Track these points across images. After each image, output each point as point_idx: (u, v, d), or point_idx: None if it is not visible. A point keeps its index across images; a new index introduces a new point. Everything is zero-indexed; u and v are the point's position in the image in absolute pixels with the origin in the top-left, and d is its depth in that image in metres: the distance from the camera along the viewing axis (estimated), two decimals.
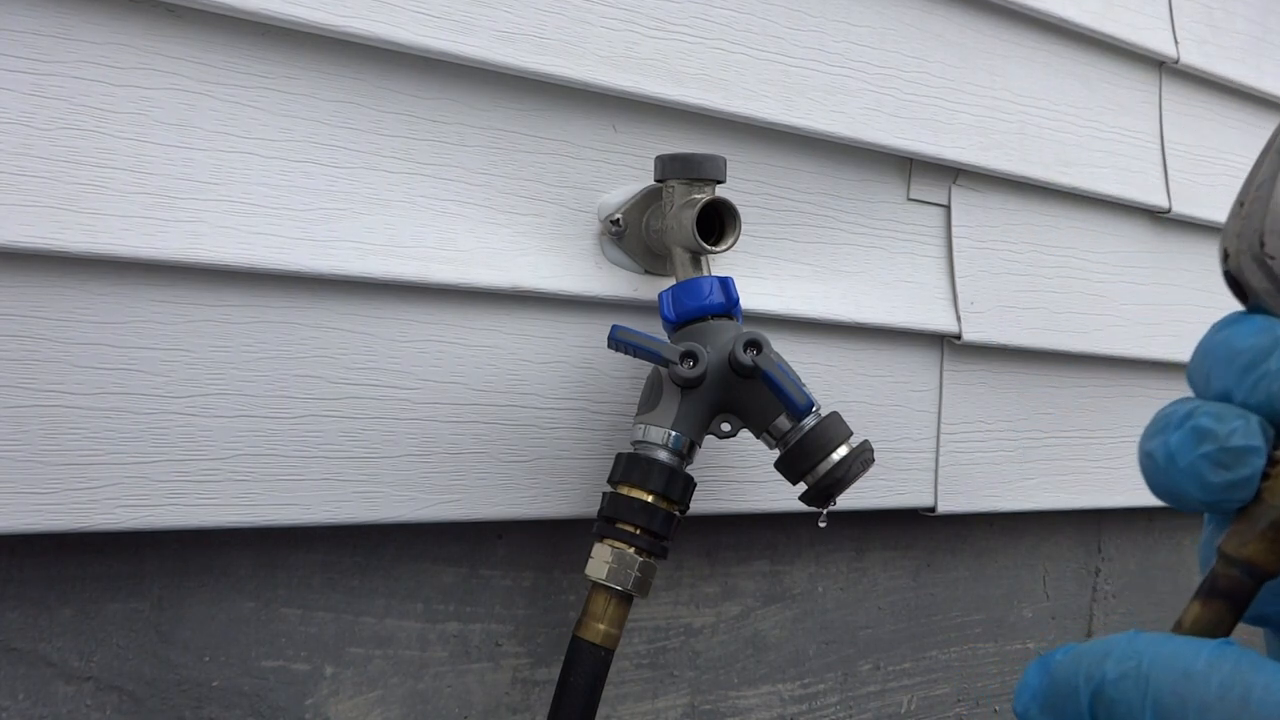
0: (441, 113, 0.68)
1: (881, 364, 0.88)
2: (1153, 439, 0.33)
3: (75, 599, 0.64)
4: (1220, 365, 0.33)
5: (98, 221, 0.57)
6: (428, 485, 0.68)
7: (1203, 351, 0.34)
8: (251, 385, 0.62)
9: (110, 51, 0.58)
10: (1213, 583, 0.32)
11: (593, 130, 0.73)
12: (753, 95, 0.77)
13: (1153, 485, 0.34)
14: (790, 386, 0.64)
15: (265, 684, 0.70)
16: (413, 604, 0.75)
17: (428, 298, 0.67)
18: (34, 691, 0.63)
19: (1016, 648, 1.09)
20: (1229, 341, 0.32)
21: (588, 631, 0.65)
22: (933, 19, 0.88)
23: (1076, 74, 0.98)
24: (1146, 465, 0.34)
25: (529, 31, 0.68)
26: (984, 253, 0.93)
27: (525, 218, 0.71)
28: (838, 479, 0.64)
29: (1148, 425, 0.34)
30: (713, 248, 0.67)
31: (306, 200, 0.63)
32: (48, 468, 0.58)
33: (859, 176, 0.86)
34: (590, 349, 0.73)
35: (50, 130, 0.56)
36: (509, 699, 0.79)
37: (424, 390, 0.68)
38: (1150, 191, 1.03)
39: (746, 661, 0.90)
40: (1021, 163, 0.93)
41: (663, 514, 0.65)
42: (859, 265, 0.87)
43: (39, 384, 0.57)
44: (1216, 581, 0.32)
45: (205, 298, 0.61)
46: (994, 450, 0.96)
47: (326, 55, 0.64)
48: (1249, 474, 0.31)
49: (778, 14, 0.79)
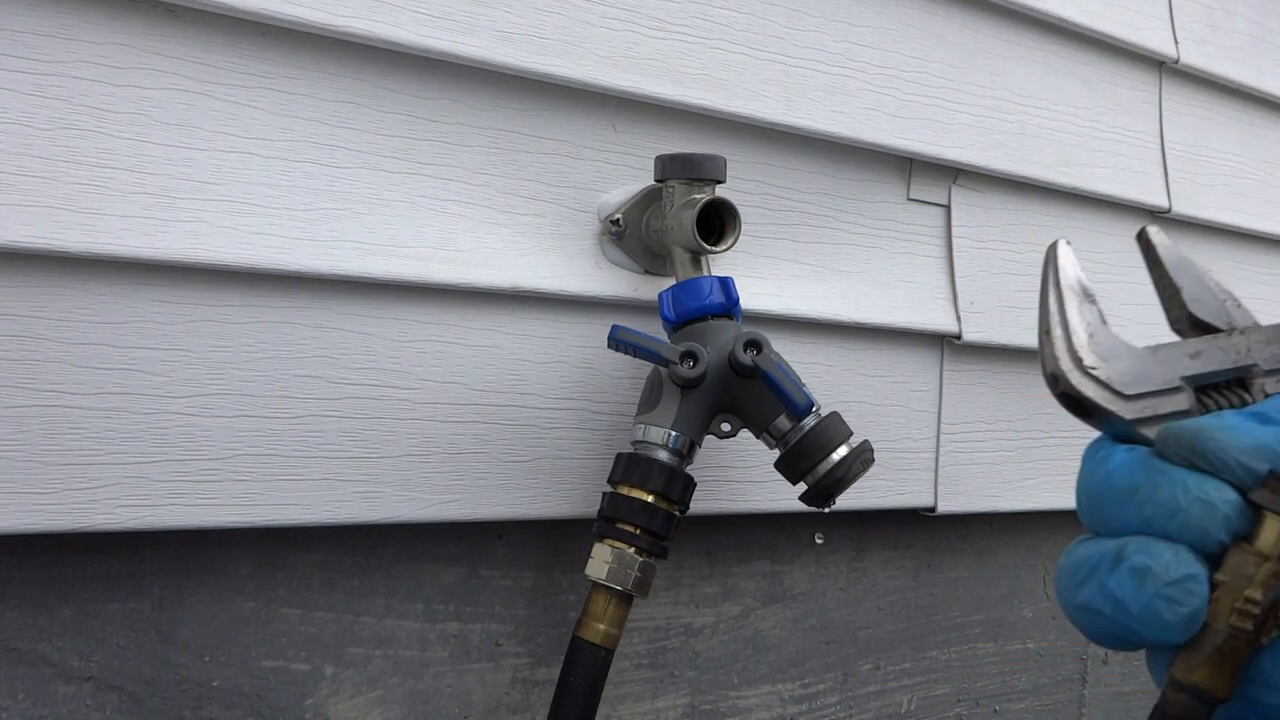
0: (441, 113, 0.68)
1: (881, 364, 0.88)
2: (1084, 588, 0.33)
3: (75, 599, 0.64)
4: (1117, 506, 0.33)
5: (98, 221, 0.57)
6: (428, 485, 0.68)
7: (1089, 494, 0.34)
8: (251, 385, 0.62)
9: (110, 51, 0.58)
10: (1164, 709, 0.33)
11: (593, 130, 0.73)
12: (753, 95, 0.77)
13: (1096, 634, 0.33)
14: (790, 386, 0.64)
15: (265, 684, 0.70)
16: (413, 604, 0.75)
17: (428, 298, 0.67)
18: (34, 691, 0.63)
19: (1016, 648, 1.09)
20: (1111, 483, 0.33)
21: (588, 631, 0.65)
22: (933, 19, 0.88)
23: (1076, 74, 0.98)
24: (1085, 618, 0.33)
25: (529, 31, 0.68)
26: (984, 253, 0.93)
27: (525, 218, 0.71)
28: (838, 479, 0.64)
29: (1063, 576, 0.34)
30: (713, 248, 0.67)
31: (306, 200, 0.63)
32: (48, 468, 0.58)
33: (859, 176, 0.86)
34: (590, 349, 0.73)
35: (50, 130, 0.56)
36: (509, 699, 0.79)
37: (424, 390, 0.68)
38: (1150, 191, 1.03)
39: (746, 661, 0.90)
40: (1021, 163, 0.93)
41: (663, 514, 0.65)
42: (859, 265, 0.87)
43: (39, 384, 0.57)
44: (1167, 708, 0.32)
45: (205, 298, 0.61)
46: (994, 450, 0.96)
47: (326, 55, 0.64)
48: (1199, 605, 0.31)
49: (778, 14, 0.79)
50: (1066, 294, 0.37)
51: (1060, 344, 0.36)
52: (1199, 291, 0.38)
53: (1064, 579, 0.34)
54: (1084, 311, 0.37)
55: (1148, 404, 0.35)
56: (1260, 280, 1.15)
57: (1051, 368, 0.36)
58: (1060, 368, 0.36)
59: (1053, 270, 0.37)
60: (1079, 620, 0.33)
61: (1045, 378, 0.37)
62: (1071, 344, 0.36)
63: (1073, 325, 0.36)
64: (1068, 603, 0.34)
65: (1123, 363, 0.36)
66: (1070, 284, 0.37)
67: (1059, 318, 0.36)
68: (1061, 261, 0.37)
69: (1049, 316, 0.37)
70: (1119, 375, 0.36)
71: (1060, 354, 0.36)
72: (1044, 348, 0.37)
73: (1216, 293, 0.38)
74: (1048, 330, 0.37)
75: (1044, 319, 0.37)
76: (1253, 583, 0.31)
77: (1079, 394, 0.36)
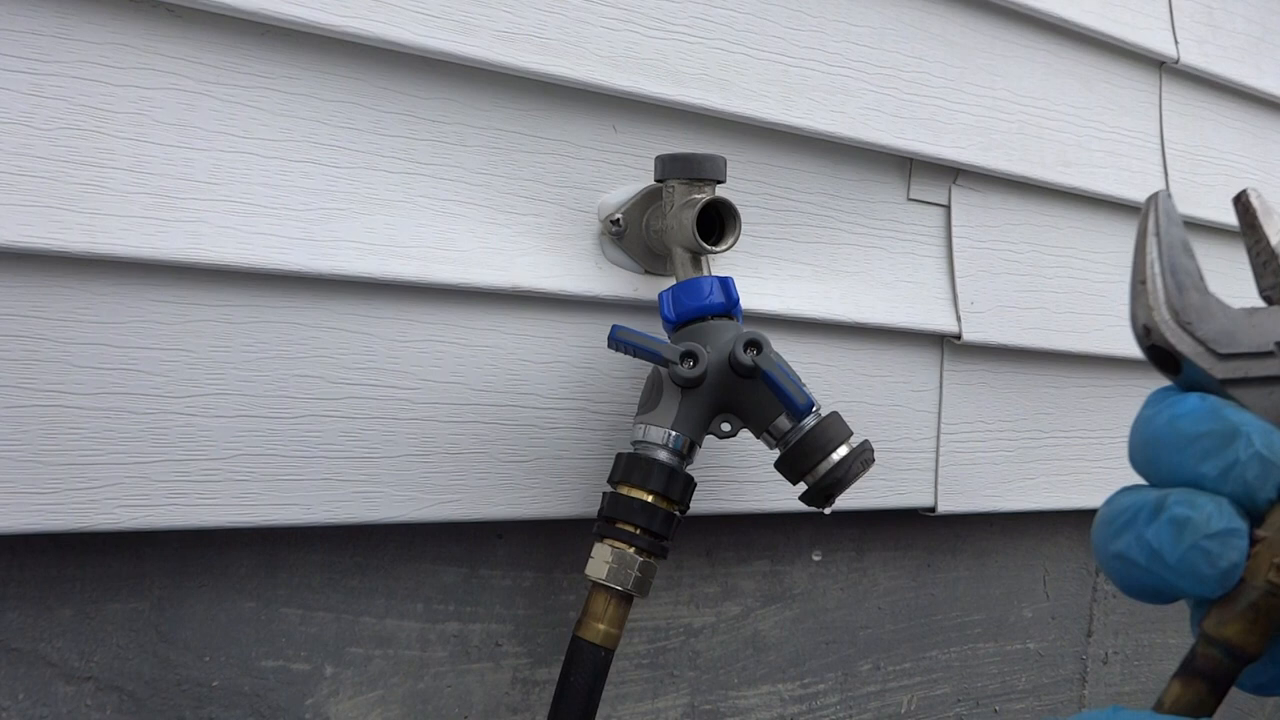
0: (441, 113, 0.68)
1: (881, 364, 0.88)
2: (1120, 537, 0.32)
3: (75, 599, 0.64)
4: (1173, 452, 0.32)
5: (98, 221, 0.57)
6: (428, 485, 0.68)
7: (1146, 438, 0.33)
8: (251, 385, 0.62)
9: (110, 51, 0.58)
10: (1193, 662, 0.32)
11: (593, 130, 0.73)
12: (753, 95, 0.77)
13: (1130, 585, 0.32)
14: (790, 386, 0.64)
15: (265, 684, 0.70)
16: (413, 604, 0.75)
17: (428, 298, 0.67)
18: (34, 691, 0.63)
19: (1016, 648, 1.09)
20: (1176, 427, 0.32)
21: (588, 631, 0.65)
22: (933, 19, 0.88)
23: (1076, 74, 0.98)
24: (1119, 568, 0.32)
25: (529, 31, 0.68)
26: (984, 253, 0.93)
27: (525, 218, 0.71)
28: (838, 479, 0.64)
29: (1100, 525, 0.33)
30: (713, 248, 0.67)
31: (306, 200, 0.63)
32: (48, 468, 0.58)
33: (859, 176, 0.86)
34: (590, 349, 0.73)
35: (50, 130, 0.56)
36: (509, 699, 0.79)
37: (424, 390, 0.68)
38: (1150, 191, 1.03)
39: (746, 661, 0.90)
40: (1021, 163, 0.93)
41: (663, 514, 0.65)
42: (859, 265, 0.87)
43: (39, 384, 0.57)
44: (1196, 661, 0.32)
45: (205, 298, 0.61)
46: (994, 450, 0.96)
47: (326, 55, 0.64)
48: (1238, 559, 0.31)
49: (778, 14, 0.79)
50: (1167, 244, 0.35)
51: (1158, 295, 0.35)
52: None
53: (1101, 528, 0.33)
54: (1184, 264, 0.35)
55: (1240, 365, 0.34)
56: None
57: (1144, 318, 0.34)
58: (1154, 319, 0.34)
59: (1154, 218, 0.36)
60: (1113, 570, 0.33)
61: (1135, 328, 0.35)
62: (1169, 296, 0.34)
63: (1172, 277, 0.35)
64: (1102, 551, 0.33)
65: (1218, 321, 0.34)
66: (1171, 235, 0.35)
67: (1158, 267, 0.35)
68: (1164, 211, 0.36)
69: (1147, 265, 0.35)
70: (1214, 333, 0.34)
71: (1156, 304, 0.34)
72: (1138, 297, 0.35)
73: None
74: (1143, 279, 0.35)
75: (1140, 267, 0.35)
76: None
77: (1172, 347, 0.34)
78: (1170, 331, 0.34)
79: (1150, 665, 1.21)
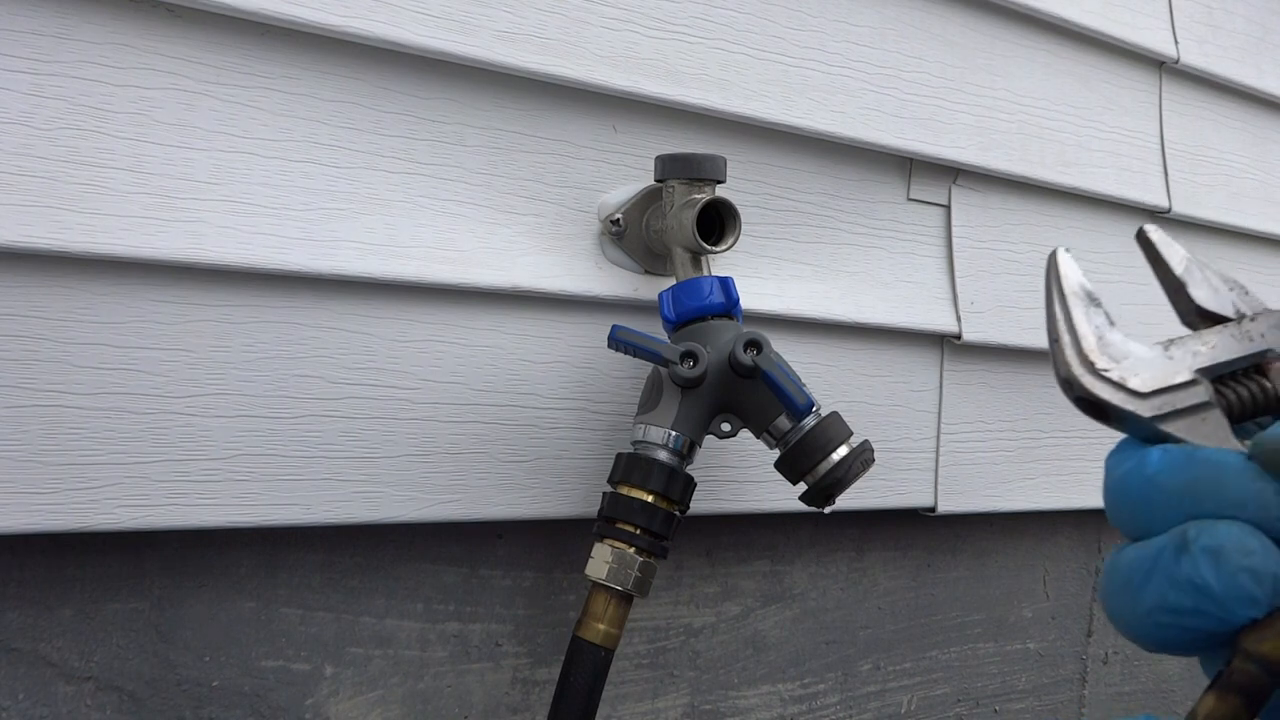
0: (441, 113, 0.68)
1: (882, 364, 0.88)
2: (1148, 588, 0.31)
3: (75, 599, 0.64)
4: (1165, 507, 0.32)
5: (98, 221, 0.57)
6: (428, 485, 0.68)
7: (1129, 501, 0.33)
8: (251, 385, 0.62)
9: (110, 51, 0.58)
10: (1229, 677, 0.32)
11: (593, 130, 0.73)
12: (753, 95, 0.77)
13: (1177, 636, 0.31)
14: (790, 386, 0.64)
15: (265, 684, 0.70)
16: (413, 604, 0.75)
17: (428, 298, 0.67)
18: (34, 691, 0.63)
19: (1016, 648, 1.09)
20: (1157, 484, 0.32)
21: (588, 631, 0.65)
22: (933, 19, 0.88)
23: (1076, 74, 0.98)
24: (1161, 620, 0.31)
25: (529, 31, 0.68)
26: (984, 253, 0.93)
27: (525, 218, 0.71)
28: (838, 479, 0.64)
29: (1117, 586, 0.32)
30: (713, 248, 0.67)
31: (306, 200, 0.63)
32: (48, 468, 0.58)
33: (859, 176, 0.86)
34: (590, 349, 0.73)
35: (50, 130, 0.56)
36: (509, 699, 0.78)
37: (424, 390, 0.68)
38: (1150, 191, 1.03)
39: (746, 661, 0.90)
40: (1021, 163, 0.93)
41: (663, 514, 0.65)
42: (859, 265, 0.87)
43: (39, 384, 0.57)
44: (1233, 676, 0.32)
45: (205, 298, 0.61)
46: (994, 450, 0.96)
47: (326, 55, 0.64)
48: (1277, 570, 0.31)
49: (778, 14, 0.79)
50: (1071, 300, 0.37)
51: (1070, 349, 0.36)
52: (1204, 283, 0.38)
53: (1119, 593, 0.32)
54: (1090, 315, 0.37)
55: (1165, 400, 0.35)
56: (1260, 280, 1.15)
57: (1064, 373, 0.36)
58: (1073, 373, 0.36)
59: (1055, 278, 0.38)
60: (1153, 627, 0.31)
61: (1059, 383, 0.37)
62: (1081, 348, 0.36)
63: (1080, 330, 0.36)
64: (1131, 614, 0.32)
65: (1135, 362, 0.36)
66: (1074, 289, 0.37)
67: (1066, 324, 0.37)
68: (1063, 268, 0.38)
69: (1056, 324, 0.37)
70: (1132, 375, 0.35)
71: (1071, 359, 0.36)
72: (1055, 355, 0.37)
73: (1222, 282, 0.38)
74: (1056, 338, 0.37)
75: (1052, 327, 0.37)
76: None
77: (1094, 397, 0.35)
78: (1089, 382, 0.35)
79: (1150, 665, 1.21)
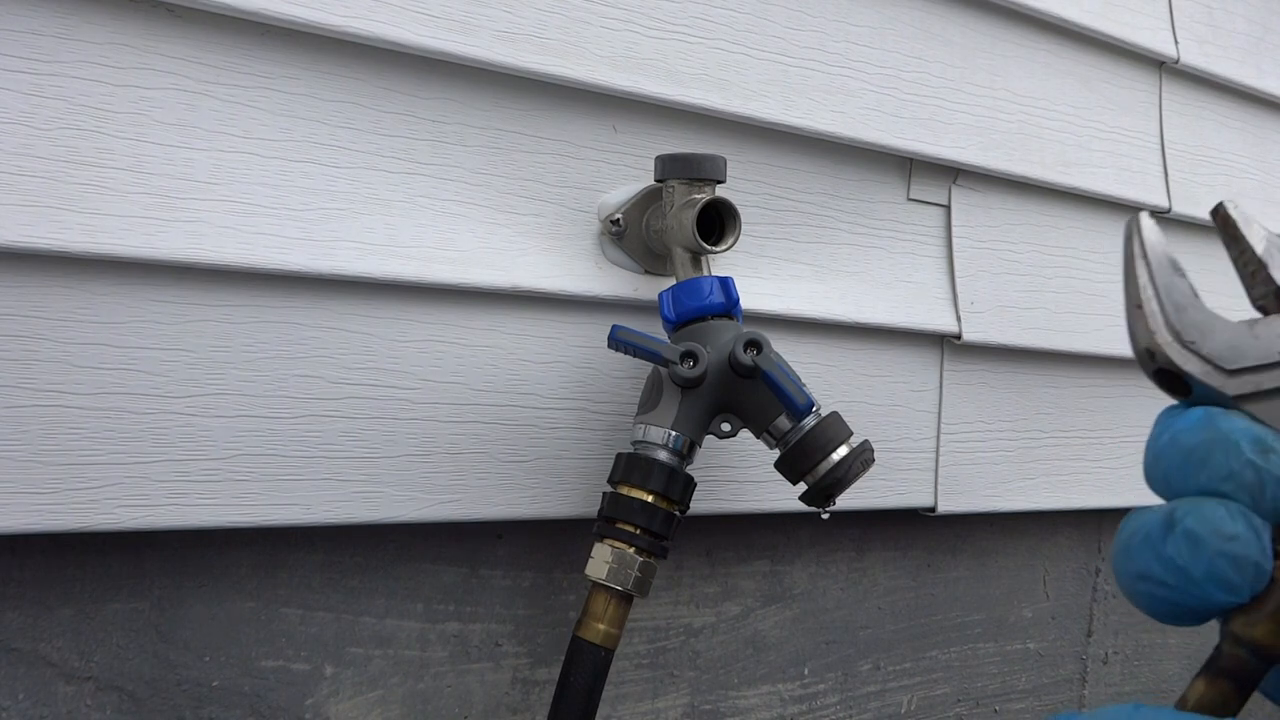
0: (441, 113, 0.68)
1: (882, 364, 0.88)
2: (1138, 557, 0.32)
3: (75, 599, 0.64)
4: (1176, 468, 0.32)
5: (98, 221, 0.57)
6: (428, 485, 0.68)
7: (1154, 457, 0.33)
8: (251, 385, 0.62)
9: (110, 51, 0.58)
10: (1218, 661, 0.32)
11: (593, 130, 0.73)
12: (753, 95, 0.77)
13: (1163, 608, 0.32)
14: (790, 386, 0.64)
15: (265, 684, 0.70)
16: (413, 604, 0.75)
17: (428, 298, 0.67)
18: (34, 691, 0.63)
19: (1016, 648, 1.09)
20: (1177, 442, 0.32)
21: (588, 631, 0.65)
22: (933, 19, 0.88)
23: (1076, 74, 0.98)
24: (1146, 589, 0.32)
25: (529, 31, 0.68)
26: (984, 253, 0.93)
27: (525, 218, 0.71)
28: (838, 479, 0.64)
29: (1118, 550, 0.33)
30: (713, 248, 0.67)
31: (306, 200, 0.63)
32: (48, 468, 0.58)
33: (859, 176, 0.86)
34: (590, 349, 0.73)
35: (50, 130, 0.56)
36: (509, 699, 0.79)
37: (424, 390, 0.68)
38: (1150, 191, 1.03)
39: (746, 661, 0.90)
40: (1021, 163, 0.93)
41: (663, 514, 0.65)
42: (859, 265, 0.87)
43: (39, 384, 0.57)
44: (1223, 660, 0.31)
45: (205, 298, 0.61)
46: (994, 450, 0.96)
47: (326, 55, 0.64)
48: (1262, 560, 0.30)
49: (778, 14, 0.79)
50: (1156, 265, 0.35)
51: (1156, 317, 0.34)
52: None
53: (1119, 551, 0.33)
54: (1177, 283, 0.35)
55: (1250, 379, 0.33)
56: None
57: (1146, 342, 0.34)
58: (1157, 341, 0.34)
59: (1138, 241, 0.35)
60: (1141, 594, 0.32)
61: (1138, 354, 0.34)
62: (1168, 317, 0.34)
63: (1167, 297, 0.34)
64: (1125, 576, 0.32)
65: (1220, 336, 0.34)
66: (1158, 255, 0.35)
67: (1151, 290, 0.34)
68: (1147, 234, 0.35)
69: (1140, 289, 0.34)
70: (1218, 349, 0.33)
71: (1157, 328, 0.34)
72: (1136, 322, 0.34)
73: None
74: (1139, 304, 0.34)
75: (1133, 291, 0.35)
76: None
77: (1179, 368, 0.33)
78: (1175, 353, 0.34)
79: (1150, 665, 1.21)
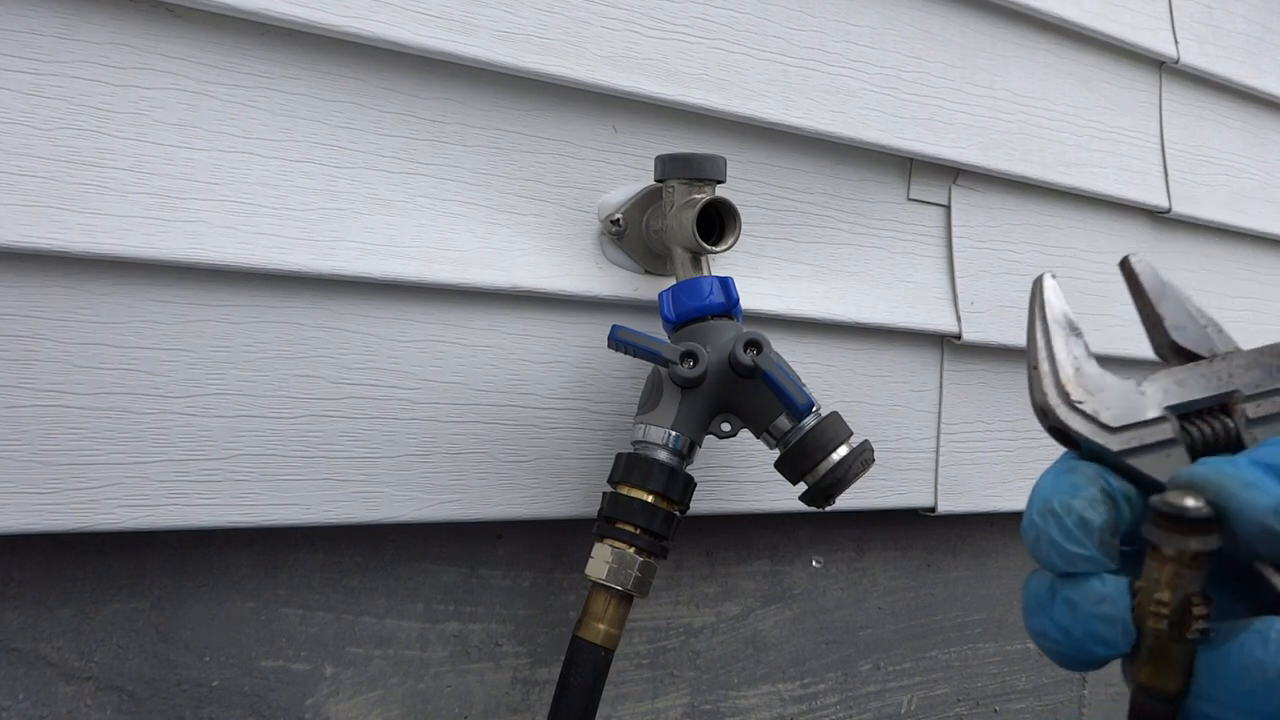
0: (441, 113, 0.68)
1: (882, 364, 0.88)
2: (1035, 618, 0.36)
3: (75, 599, 0.64)
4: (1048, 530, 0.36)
5: (98, 221, 0.57)
6: (428, 485, 0.68)
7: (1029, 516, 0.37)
8: (252, 385, 0.62)
9: (110, 51, 0.58)
10: (1130, 709, 0.35)
11: (593, 130, 0.73)
12: (753, 95, 0.77)
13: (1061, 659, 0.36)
14: (790, 386, 0.64)
15: (265, 684, 0.70)
16: (413, 604, 0.75)
17: (428, 298, 0.67)
18: (34, 691, 0.63)
19: (1016, 648, 1.09)
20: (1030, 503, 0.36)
21: (588, 631, 0.65)
22: (933, 19, 0.88)
23: (1076, 74, 0.98)
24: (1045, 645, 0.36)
25: (529, 31, 0.68)
26: (984, 253, 0.93)
27: (525, 218, 0.71)
28: (838, 479, 0.64)
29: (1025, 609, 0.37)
30: (713, 248, 0.67)
31: (307, 200, 0.63)
32: (48, 468, 0.58)
33: (859, 176, 0.86)
34: (590, 349, 0.73)
35: (50, 130, 0.56)
36: (509, 699, 0.79)
37: (424, 390, 0.68)
38: (1150, 191, 1.03)
39: (746, 661, 0.90)
40: (1021, 163, 0.93)
41: (663, 514, 0.65)
42: (859, 265, 0.87)
43: (39, 384, 0.57)
44: (1133, 708, 0.35)
45: (205, 298, 0.61)
46: (994, 450, 0.96)
47: (326, 55, 0.64)
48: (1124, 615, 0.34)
49: (778, 14, 0.79)
50: (1053, 328, 0.38)
51: (1048, 379, 0.38)
52: (1181, 319, 0.39)
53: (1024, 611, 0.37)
54: (1070, 345, 0.38)
55: (1133, 435, 0.37)
56: (1260, 280, 1.15)
57: (1040, 401, 0.38)
58: (1049, 402, 0.37)
59: (1039, 305, 0.39)
60: (1043, 646, 0.36)
61: (1034, 410, 0.38)
62: (1058, 378, 0.37)
63: (1059, 359, 0.38)
64: (1029, 630, 0.36)
65: (1108, 395, 0.37)
66: (1056, 318, 0.38)
67: (1046, 352, 0.38)
68: (1048, 296, 0.39)
69: (1036, 351, 0.38)
70: (1105, 408, 0.37)
71: (1048, 389, 0.37)
72: (1032, 382, 0.38)
73: (1198, 319, 0.39)
74: (1035, 365, 0.38)
75: (1031, 353, 0.38)
76: (1160, 585, 0.33)
77: (1066, 427, 0.37)
78: (1063, 413, 0.37)
79: None
